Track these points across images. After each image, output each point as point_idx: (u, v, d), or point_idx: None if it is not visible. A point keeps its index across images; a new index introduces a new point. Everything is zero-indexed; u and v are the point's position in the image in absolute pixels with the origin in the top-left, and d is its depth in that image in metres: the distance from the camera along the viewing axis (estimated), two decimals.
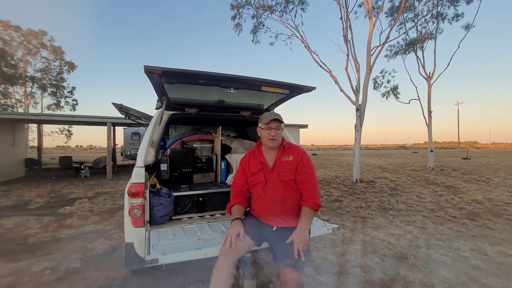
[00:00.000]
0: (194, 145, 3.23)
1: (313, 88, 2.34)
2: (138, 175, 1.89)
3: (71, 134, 26.09)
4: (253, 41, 12.00)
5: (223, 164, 2.91)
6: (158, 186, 2.10)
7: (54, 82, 23.47)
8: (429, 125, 13.06)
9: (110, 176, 9.74)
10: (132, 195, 1.86)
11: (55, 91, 23.40)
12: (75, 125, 21.05)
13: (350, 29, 9.43)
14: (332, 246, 3.31)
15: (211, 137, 3.42)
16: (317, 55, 10.00)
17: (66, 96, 24.19)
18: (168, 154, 2.96)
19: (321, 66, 9.93)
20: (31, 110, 22.90)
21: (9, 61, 18.43)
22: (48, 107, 23.63)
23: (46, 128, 24.52)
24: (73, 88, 24.54)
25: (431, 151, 13.07)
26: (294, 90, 2.29)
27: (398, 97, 14.76)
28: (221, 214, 2.41)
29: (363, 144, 9.46)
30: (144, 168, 1.94)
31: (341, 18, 9.50)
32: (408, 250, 3.18)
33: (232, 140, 3.26)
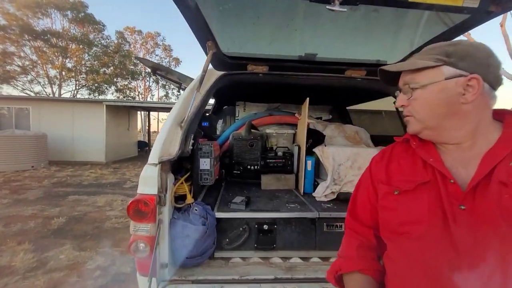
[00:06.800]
0: (268, 131, 2.21)
1: None
2: (148, 179, 1.01)
3: None
4: None
5: (309, 162, 1.76)
6: (189, 199, 1.17)
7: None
8: None
9: None
10: (136, 216, 0.99)
11: (165, 84, 27.39)
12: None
13: None
14: None
15: (294, 120, 2.32)
16: None
17: (173, 88, 28.07)
18: (230, 141, 2.06)
19: None
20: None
21: (133, 60, 22.47)
22: (160, 98, 27.94)
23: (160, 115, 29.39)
24: None
25: None
26: (481, 8, 0.89)
27: None
28: (302, 258, 1.30)
29: None
30: (159, 167, 1.03)
31: None
32: None
33: (326, 124, 2.07)
